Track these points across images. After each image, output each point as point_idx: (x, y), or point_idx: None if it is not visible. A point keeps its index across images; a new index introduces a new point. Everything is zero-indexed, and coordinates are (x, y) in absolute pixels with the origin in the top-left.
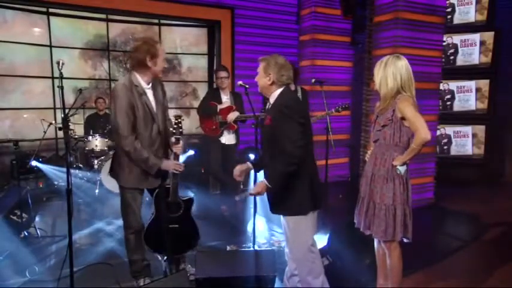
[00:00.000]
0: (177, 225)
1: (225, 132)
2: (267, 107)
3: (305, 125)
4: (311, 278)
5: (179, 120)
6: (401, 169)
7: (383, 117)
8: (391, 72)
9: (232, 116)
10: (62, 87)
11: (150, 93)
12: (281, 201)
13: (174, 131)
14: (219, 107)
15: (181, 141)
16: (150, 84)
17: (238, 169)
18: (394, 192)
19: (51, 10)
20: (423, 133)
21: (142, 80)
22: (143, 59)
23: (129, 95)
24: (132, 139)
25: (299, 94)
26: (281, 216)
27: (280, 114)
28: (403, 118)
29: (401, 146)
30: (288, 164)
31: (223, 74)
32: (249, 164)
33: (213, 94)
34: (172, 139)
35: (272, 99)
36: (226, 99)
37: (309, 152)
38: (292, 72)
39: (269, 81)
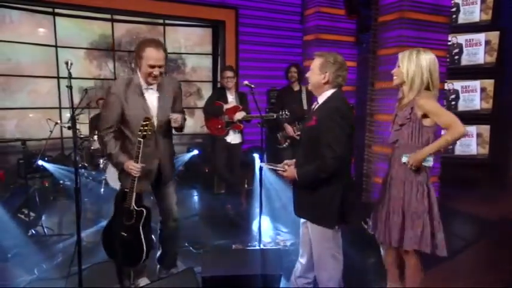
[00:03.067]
0: (125, 234)
1: (231, 132)
2: (312, 107)
3: (350, 136)
4: (328, 282)
5: (146, 122)
6: (429, 161)
7: (401, 116)
8: (427, 64)
9: (239, 115)
10: (70, 87)
11: (152, 94)
12: (308, 206)
13: (138, 132)
14: (225, 106)
15: (141, 145)
16: (154, 85)
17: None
18: (412, 199)
19: (56, 10)
20: (459, 127)
21: (143, 81)
22: (134, 57)
23: (122, 92)
24: (105, 132)
25: (304, 94)
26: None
27: (329, 117)
28: (423, 116)
29: (420, 147)
30: (321, 171)
31: (229, 73)
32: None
33: (219, 94)
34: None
35: (321, 100)
36: (232, 99)
37: (347, 164)
38: (347, 73)
39: (323, 80)
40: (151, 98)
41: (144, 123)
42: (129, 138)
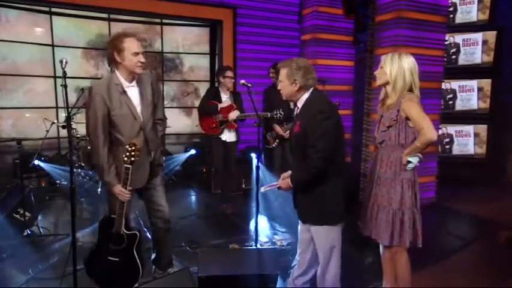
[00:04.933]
0: (117, 259)
1: (225, 131)
2: (295, 112)
3: (338, 132)
4: (333, 281)
5: (132, 148)
6: (413, 161)
7: (387, 118)
8: (409, 66)
9: (233, 115)
10: (65, 86)
11: (133, 91)
12: (311, 210)
13: (125, 158)
14: (220, 106)
15: (130, 172)
16: (134, 82)
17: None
18: (402, 196)
19: (53, 9)
20: (429, 133)
21: (122, 78)
22: (111, 54)
23: (104, 95)
24: (97, 142)
25: None
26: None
27: (312, 120)
28: (407, 118)
29: (407, 147)
30: (309, 171)
31: (231, 73)
32: (289, 172)
33: (214, 93)
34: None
35: (300, 104)
36: (226, 98)
37: (342, 160)
38: (315, 73)
39: (296, 88)
40: (134, 94)
41: (130, 148)
42: (119, 140)
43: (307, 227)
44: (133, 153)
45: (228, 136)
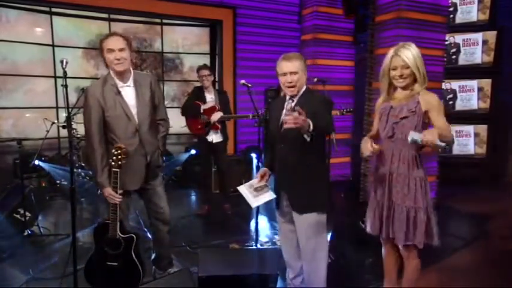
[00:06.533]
0: (115, 264)
1: (211, 132)
2: (290, 105)
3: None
4: (322, 273)
5: (118, 151)
6: (417, 139)
7: (402, 109)
8: (417, 52)
9: (215, 116)
10: (66, 86)
11: (129, 91)
12: (306, 200)
13: (112, 163)
14: (203, 107)
15: (118, 175)
16: (130, 82)
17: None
18: (415, 195)
19: (53, 9)
20: (450, 133)
21: (116, 78)
22: (101, 55)
23: (99, 96)
24: (92, 143)
25: None
26: (279, 217)
27: (320, 105)
28: (425, 112)
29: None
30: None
31: (205, 72)
32: (264, 169)
33: (198, 93)
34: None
35: (296, 97)
36: (210, 98)
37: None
38: None
39: (304, 79)
40: (129, 95)
41: (116, 152)
42: (114, 141)
43: (290, 221)
44: (119, 156)
45: (213, 137)
